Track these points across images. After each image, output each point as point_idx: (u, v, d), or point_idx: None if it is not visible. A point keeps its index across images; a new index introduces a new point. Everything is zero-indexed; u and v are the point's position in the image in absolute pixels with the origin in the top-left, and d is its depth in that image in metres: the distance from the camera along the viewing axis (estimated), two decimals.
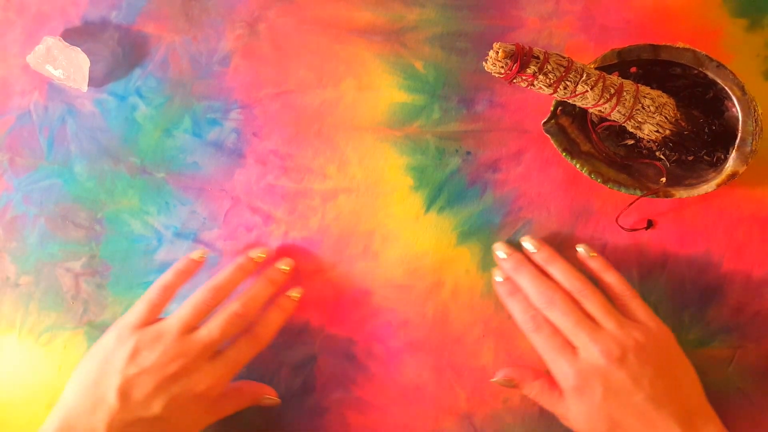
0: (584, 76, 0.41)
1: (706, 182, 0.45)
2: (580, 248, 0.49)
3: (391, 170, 0.52)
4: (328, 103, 0.53)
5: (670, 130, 0.45)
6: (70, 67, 0.53)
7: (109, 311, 0.54)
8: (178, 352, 0.46)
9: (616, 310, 0.46)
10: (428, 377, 0.51)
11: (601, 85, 0.42)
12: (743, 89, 0.44)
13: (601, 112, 0.44)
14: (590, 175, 0.48)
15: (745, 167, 0.44)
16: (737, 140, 0.44)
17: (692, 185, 0.46)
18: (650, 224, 0.50)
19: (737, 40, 0.50)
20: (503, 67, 0.40)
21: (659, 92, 0.45)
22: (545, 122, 0.48)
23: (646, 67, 0.47)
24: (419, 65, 0.53)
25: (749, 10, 0.50)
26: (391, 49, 0.53)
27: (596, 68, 0.44)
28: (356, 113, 0.53)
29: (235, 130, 0.54)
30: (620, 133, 0.50)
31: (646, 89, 0.44)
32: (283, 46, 0.54)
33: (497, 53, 0.40)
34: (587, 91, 0.42)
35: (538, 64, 0.40)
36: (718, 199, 0.50)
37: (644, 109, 0.44)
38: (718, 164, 0.47)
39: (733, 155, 0.44)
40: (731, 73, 0.44)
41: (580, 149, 0.49)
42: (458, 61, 0.52)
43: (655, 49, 0.45)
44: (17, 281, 0.54)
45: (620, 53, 0.46)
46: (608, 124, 0.48)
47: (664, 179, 0.48)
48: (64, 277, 0.54)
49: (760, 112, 0.44)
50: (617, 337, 0.44)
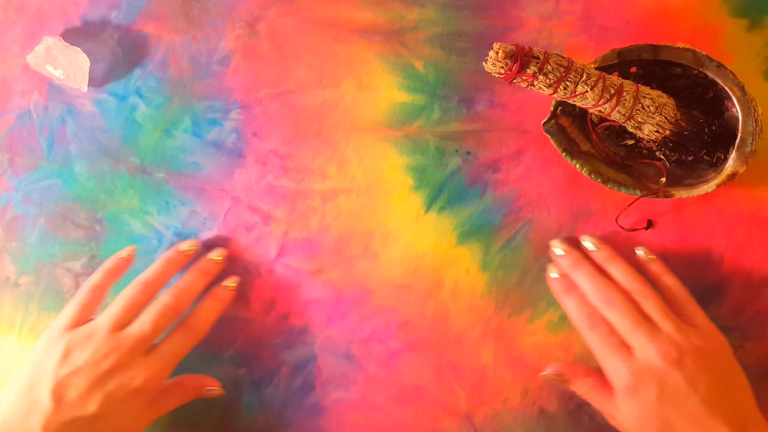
0: (584, 76, 0.41)
1: (706, 182, 0.45)
2: (639, 251, 0.49)
3: (391, 170, 0.52)
4: (328, 103, 0.53)
5: (670, 130, 0.45)
6: (70, 67, 0.53)
7: None
8: (110, 348, 0.46)
9: (673, 313, 0.45)
10: (428, 377, 0.51)
11: (601, 85, 0.42)
12: (743, 89, 0.44)
13: (601, 112, 0.44)
14: (590, 175, 0.48)
15: (745, 167, 0.44)
16: (737, 140, 0.44)
17: (692, 185, 0.46)
18: (650, 224, 0.50)
19: (737, 40, 0.50)
20: (503, 67, 0.40)
21: (659, 92, 0.45)
22: (545, 122, 0.48)
23: (646, 67, 0.47)
24: (419, 65, 0.53)
25: (749, 10, 0.50)
26: (391, 49, 0.53)
27: (596, 68, 0.44)
28: (356, 113, 0.53)
29: (235, 130, 0.54)
30: (620, 133, 0.50)
31: (646, 89, 0.44)
32: (283, 46, 0.54)
33: (497, 53, 0.40)
34: (587, 91, 0.42)
35: (538, 64, 0.40)
36: (718, 199, 0.50)
37: (644, 109, 0.44)
38: (718, 164, 0.47)
39: (733, 155, 0.44)
40: (731, 73, 0.44)
41: (580, 149, 0.49)
42: (458, 61, 0.52)
43: (655, 49, 0.45)
44: (17, 281, 0.54)
45: (620, 53, 0.46)
46: (608, 124, 0.48)
47: (664, 179, 0.48)
48: (64, 277, 0.54)
49: (760, 112, 0.44)
50: (675, 339, 0.44)
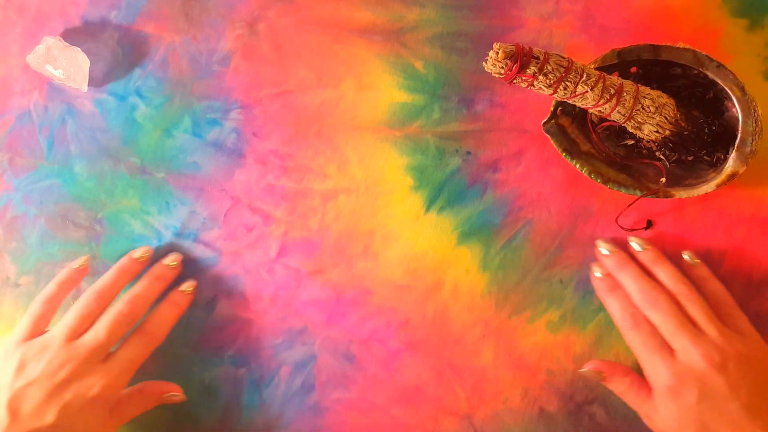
0: (584, 76, 0.41)
1: (705, 182, 0.45)
2: (685, 255, 0.49)
3: (391, 170, 0.52)
4: (328, 103, 0.53)
5: (670, 130, 0.45)
6: (70, 67, 0.53)
7: None
8: (65, 358, 0.46)
9: (718, 318, 0.45)
10: (428, 377, 0.51)
11: (601, 85, 0.42)
12: (743, 89, 0.44)
13: (601, 112, 0.44)
14: (590, 175, 0.48)
15: (745, 167, 0.44)
16: (737, 140, 0.44)
17: (692, 185, 0.46)
18: (650, 224, 0.50)
19: (737, 40, 0.50)
20: (503, 67, 0.40)
21: (659, 92, 0.45)
22: (545, 122, 0.48)
23: (646, 67, 0.47)
24: (419, 65, 0.53)
25: (749, 10, 0.50)
26: (391, 49, 0.53)
27: (596, 68, 0.44)
28: (356, 113, 0.53)
29: (235, 130, 0.54)
30: (620, 133, 0.50)
31: (646, 89, 0.44)
32: (283, 46, 0.54)
33: (497, 54, 0.40)
34: (587, 91, 0.42)
35: (538, 64, 0.40)
36: (718, 199, 0.50)
37: (644, 109, 0.44)
38: (717, 164, 0.47)
39: (732, 155, 0.44)
40: (731, 73, 0.44)
41: (580, 149, 0.49)
42: (458, 61, 0.52)
43: (655, 49, 0.45)
44: (17, 281, 0.54)
45: (620, 53, 0.46)
46: (608, 124, 0.48)
47: (663, 179, 0.48)
48: None
49: (760, 112, 0.44)
50: (719, 344, 0.43)
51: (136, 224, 0.54)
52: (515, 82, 0.41)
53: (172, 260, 0.52)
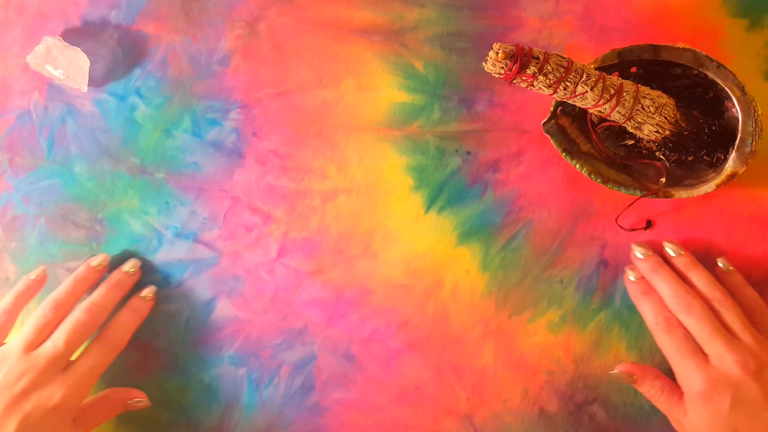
0: (584, 76, 0.41)
1: (705, 183, 0.45)
2: (720, 262, 0.48)
3: (391, 170, 0.52)
4: (328, 103, 0.53)
5: (669, 130, 0.45)
6: (70, 67, 0.53)
7: None
8: (24, 369, 0.46)
9: (752, 325, 0.45)
10: (428, 377, 0.51)
11: (601, 85, 0.42)
12: (743, 89, 0.44)
13: (601, 112, 0.44)
14: (590, 175, 0.48)
15: (744, 168, 0.44)
16: (737, 141, 0.44)
17: (692, 185, 0.46)
18: (649, 224, 0.50)
19: (737, 40, 0.50)
20: (503, 67, 0.40)
21: (659, 92, 0.45)
22: (545, 122, 0.48)
23: (646, 67, 0.47)
24: (419, 65, 0.53)
25: (749, 10, 0.50)
26: (391, 49, 0.53)
27: (596, 68, 0.44)
28: (356, 113, 0.53)
29: (234, 130, 0.54)
30: (620, 133, 0.50)
31: (646, 89, 0.44)
32: (283, 46, 0.54)
33: (497, 54, 0.40)
34: (587, 91, 0.42)
35: (537, 64, 0.40)
36: (718, 199, 0.50)
37: (644, 109, 0.44)
38: (717, 164, 0.47)
39: (732, 156, 0.44)
40: (731, 73, 0.44)
41: (580, 149, 0.49)
42: (458, 61, 0.52)
43: (655, 49, 0.45)
44: (17, 281, 0.54)
45: (620, 53, 0.46)
46: (608, 124, 0.48)
47: (663, 179, 0.48)
48: (64, 277, 0.54)
49: (760, 112, 0.44)
50: (754, 350, 0.43)
51: (136, 224, 0.54)
52: (515, 82, 0.41)
53: (130, 267, 0.52)
